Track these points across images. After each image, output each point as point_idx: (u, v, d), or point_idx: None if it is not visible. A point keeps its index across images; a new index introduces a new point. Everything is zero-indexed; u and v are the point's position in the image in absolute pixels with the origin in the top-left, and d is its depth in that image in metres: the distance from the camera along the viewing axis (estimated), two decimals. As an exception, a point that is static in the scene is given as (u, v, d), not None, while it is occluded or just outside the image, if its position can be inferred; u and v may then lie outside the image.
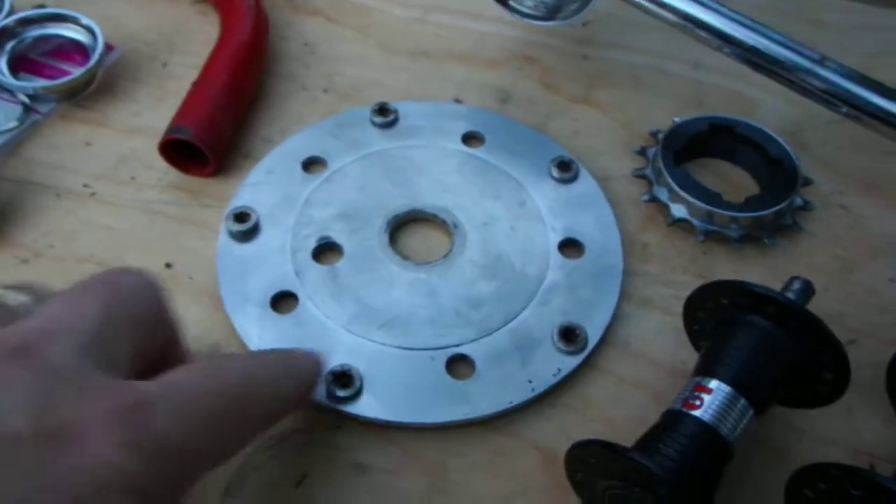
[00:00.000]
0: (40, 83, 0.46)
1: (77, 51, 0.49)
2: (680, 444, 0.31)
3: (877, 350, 0.40)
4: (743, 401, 0.32)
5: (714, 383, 0.33)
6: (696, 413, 0.32)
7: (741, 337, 0.34)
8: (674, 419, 0.32)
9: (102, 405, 0.23)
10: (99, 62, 0.46)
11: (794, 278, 0.36)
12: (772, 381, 0.33)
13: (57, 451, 0.22)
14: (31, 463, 0.22)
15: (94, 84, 0.47)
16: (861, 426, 0.38)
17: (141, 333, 0.28)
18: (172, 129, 0.43)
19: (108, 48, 0.48)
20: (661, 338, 0.41)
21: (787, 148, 0.46)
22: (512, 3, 0.48)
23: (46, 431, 0.22)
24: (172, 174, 0.45)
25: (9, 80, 0.45)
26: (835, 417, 0.37)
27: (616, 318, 0.41)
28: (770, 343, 0.33)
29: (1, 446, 0.21)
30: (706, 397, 0.32)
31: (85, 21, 0.47)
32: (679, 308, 0.41)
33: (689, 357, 0.39)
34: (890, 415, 0.38)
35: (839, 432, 0.38)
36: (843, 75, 0.42)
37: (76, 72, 0.46)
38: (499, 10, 0.49)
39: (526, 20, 0.48)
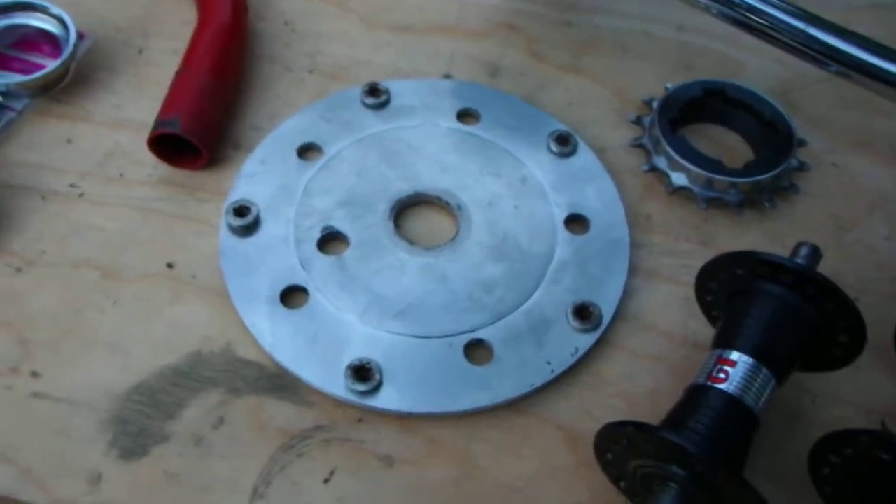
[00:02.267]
0: (14, 79, 0.43)
1: (45, 41, 0.47)
2: (709, 418, 0.31)
3: (879, 307, 0.40)
4: (765, 370, 0.33)
5: (736, 355, 0.33)
6: (722, 386, 0.32)
7: (759, 307, 0.34)
8: (700, 394, 0.33)
9: None
10: (73, 53, 0.44)
11: (801, 244, 0.37)
12: (791, 348, 0.34)
13: None
14: None
15: (69, 77, 0.45)
16: (870, 385, 0.39)
17: None
18: (161, 122, 0.41)
19: (80, 37, 0.46)
20: (671, 309, 0.41)
21: (781, 110, 0.46)
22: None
23: None
24: (163, 168, 0.43)
25: (-22, 77, 0.43)
26: (844, 378, 0.38)
27: (625, 292, 0.41)
28: (788, 311, 0.34)
29: None
30: (730, 370, 0.33)
31: (55, 10, 0.45)
32: (686, 277, 0.41)
33: (700, 327, 0.39)
34: (897, 371, 0.39)
35: (849, 392, 0.39)
36: (832, 33, 0.42)
37: (50, 65, 0.43)
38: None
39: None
